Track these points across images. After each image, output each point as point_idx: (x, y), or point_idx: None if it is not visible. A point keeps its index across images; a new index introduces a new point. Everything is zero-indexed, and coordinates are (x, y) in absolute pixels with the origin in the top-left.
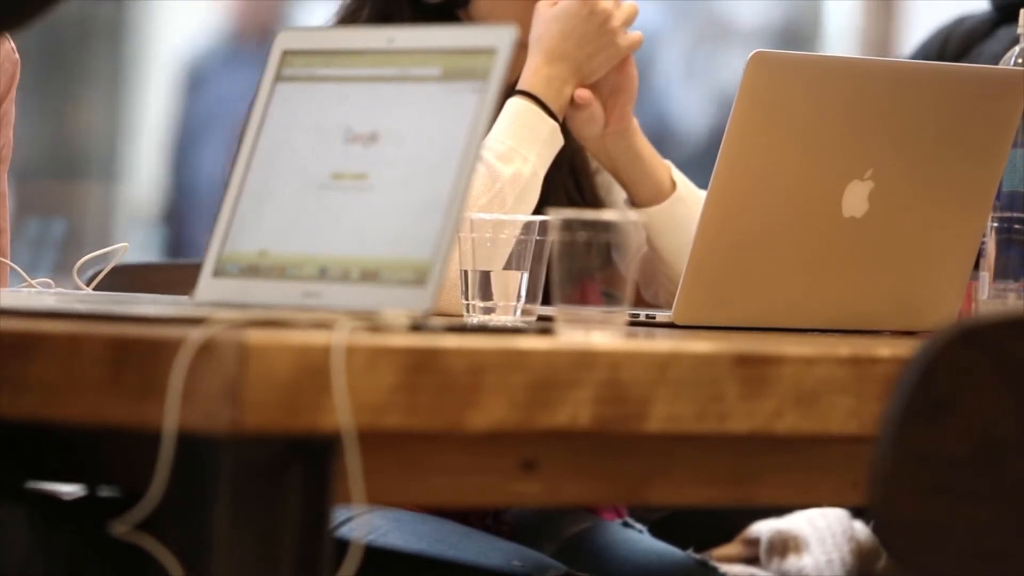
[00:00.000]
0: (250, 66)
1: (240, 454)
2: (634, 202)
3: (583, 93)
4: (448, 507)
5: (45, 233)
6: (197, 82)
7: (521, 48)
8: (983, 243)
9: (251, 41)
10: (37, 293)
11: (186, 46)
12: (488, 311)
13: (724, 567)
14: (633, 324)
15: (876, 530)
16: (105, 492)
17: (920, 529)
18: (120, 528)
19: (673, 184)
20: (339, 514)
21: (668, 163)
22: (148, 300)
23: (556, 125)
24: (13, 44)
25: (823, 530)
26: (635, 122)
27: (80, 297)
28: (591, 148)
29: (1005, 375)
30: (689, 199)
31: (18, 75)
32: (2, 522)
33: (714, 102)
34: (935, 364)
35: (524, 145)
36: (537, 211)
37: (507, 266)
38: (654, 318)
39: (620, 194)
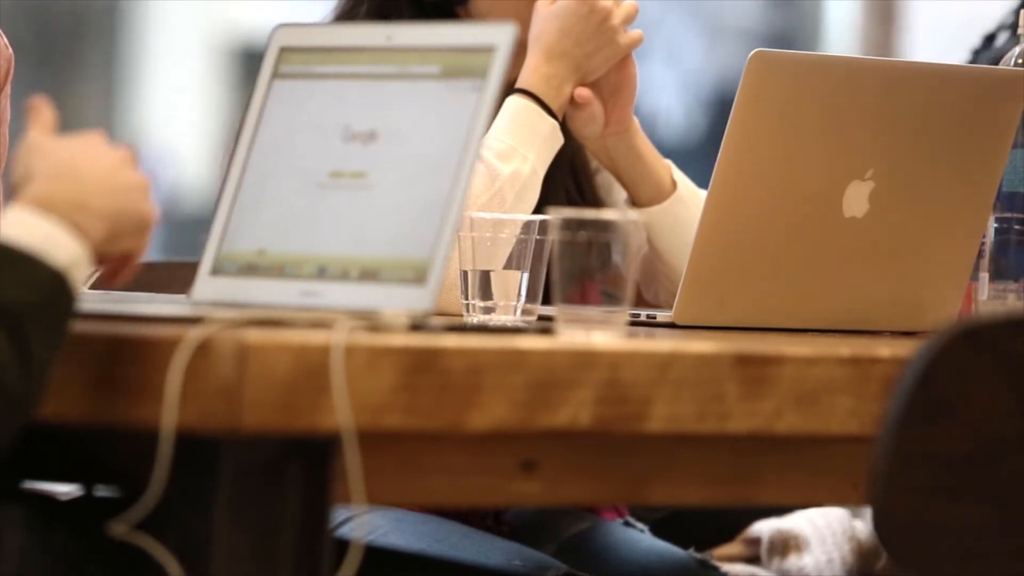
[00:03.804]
0: None
1: (239, 454)
2: (634, 202)
3: (583, 92)
4: (448, 507)
5: None
6: None
7: (520, 47)
8: (983, 243)
9: None
10: None
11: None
12: (488, 311)
13: (725, 566)
14: (633, 324)
15: (875, 529)
16: (103, 492)
17: (919, 529)
18: (119, 528)
19: (674, 184)
20: (339, 514)
21: (669, 163)
22: (145, 299)
23: (556, 124)
24: (6, 40)
25: (823, 529)
26: (636, 122)
27: None
28: (591, 148)
29: (1004, 375)
30: (689, 199)
31: (12, 71)
32: (1, 523)
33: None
34: (935, 364)
35: (523, 144)
36: (537, 210)
37: (507, 266)
38: (654, 318)
39: (620, 193)
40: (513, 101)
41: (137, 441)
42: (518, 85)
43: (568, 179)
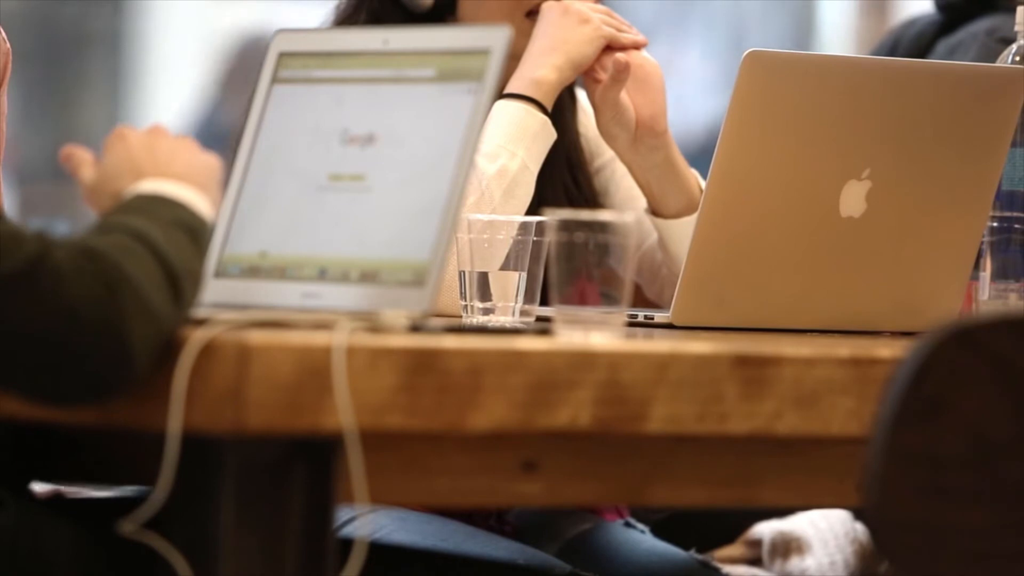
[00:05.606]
0: None
1: (244, 454)
2: (659, 212)
3: (620, 57)
4: (450, 507)
5: None
6: None
7: (511, 60)
8: (983, 243)
9: None
10: None
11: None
12: (487, 312)
13: (727, 568)
14: (631, 325)
15: (869, 530)
16: (111, 492)
17: (913, 530)
18: (128, 527)
19: (702, 194)
20: (343, 513)
21: (695, 172)
22: None
23: (546, 119)
24: (4, 35)
25: (825, 531)
26: (670, 132)
27: None
28: (622, 156)
29: (998, 375)
30: None
31: (10, 66)
32: (12, 522)
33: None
34: (928, 364)
35: (512, 141)
36: (535, 208)
37: (505, 266)
38: (652, 319)
39: (618, 190)
40: (499, 105)
41: (145, 442)
42: (505, 91)
43: (565, 174)
